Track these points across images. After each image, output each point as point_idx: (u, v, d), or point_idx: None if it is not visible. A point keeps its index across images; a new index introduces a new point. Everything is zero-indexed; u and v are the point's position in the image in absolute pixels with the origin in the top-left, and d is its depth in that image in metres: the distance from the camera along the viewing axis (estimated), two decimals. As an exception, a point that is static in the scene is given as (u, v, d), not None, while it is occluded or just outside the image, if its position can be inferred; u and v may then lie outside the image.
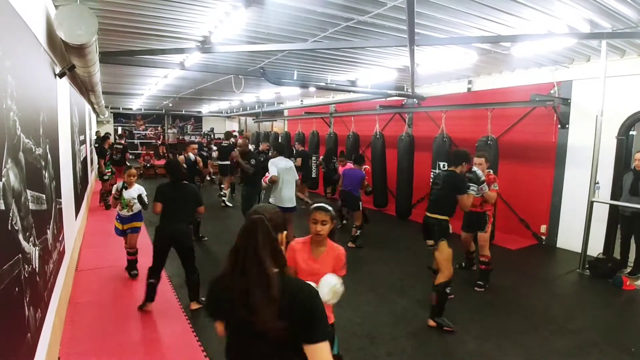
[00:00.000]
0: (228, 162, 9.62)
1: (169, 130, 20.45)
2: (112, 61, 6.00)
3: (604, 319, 4.25)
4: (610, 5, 3.92)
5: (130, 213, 5.00)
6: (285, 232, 1.56)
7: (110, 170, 9.51)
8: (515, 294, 4.80)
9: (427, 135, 8.37)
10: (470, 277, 5.15)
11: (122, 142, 11.28)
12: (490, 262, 4.90)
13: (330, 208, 2.46)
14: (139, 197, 4.87)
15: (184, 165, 5.91)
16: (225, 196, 10.06)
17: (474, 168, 4.44)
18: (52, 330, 3.03)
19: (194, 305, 4.20)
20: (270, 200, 5.43)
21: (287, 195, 5.44)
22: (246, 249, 1.41)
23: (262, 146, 10.65)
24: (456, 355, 3.49)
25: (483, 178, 4.43)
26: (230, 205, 9.75)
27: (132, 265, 5.05)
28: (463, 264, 5.51)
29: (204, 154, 10.86)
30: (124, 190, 4.99)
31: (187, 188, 4.32)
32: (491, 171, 5.00)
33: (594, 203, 5.46)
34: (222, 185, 10.33)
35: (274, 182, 5.32)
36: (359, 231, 6.48)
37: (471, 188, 4.18)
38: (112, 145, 10.47)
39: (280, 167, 5.39)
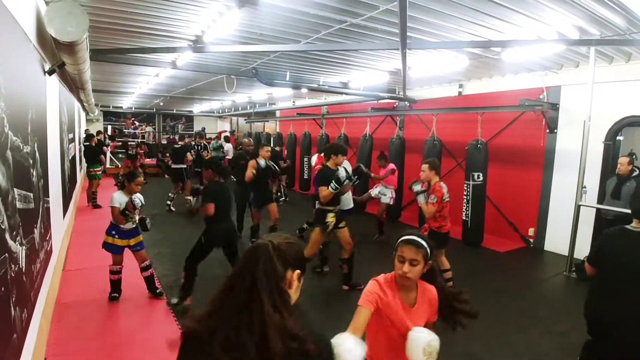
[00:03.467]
0: (183, 166, 9.29)
1: (147, 128, 19.83)
2: (102, 59, 5.95)
3: (589, 322, 4.31)
4: (599, 13, 3.99)
5: (134, 225, 4.32)
6: (298, 272, 1.21)
7: (99, 169, 9.43)
8: (503, 296, 4.85)
9: (417, 138, 8.41)
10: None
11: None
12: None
13: (424, 243, 1.86)
14: (141, 219, 4.29)
15: (253, 172, 5.77)
16: (189, 202, 9.28)
17: (340, 167, 4.57)
18: (38, 330, 2.99)
19: None
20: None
21: (345, 197, 5.22)
22: (241, 283, 1.11)
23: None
24: (443, 356, 3.50)
25: (343, 175, 4.42)
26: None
27: (152, 282, 4.50)
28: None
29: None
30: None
31: (227, 187, 4.46)
32: (441, 183, 4.61)
33: (581, 207, 5.54)
34: (171, 194, 9.22)
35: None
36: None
37: (331, 185, 4.42)
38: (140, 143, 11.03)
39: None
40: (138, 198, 4.15)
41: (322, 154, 5.65)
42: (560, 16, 4.14)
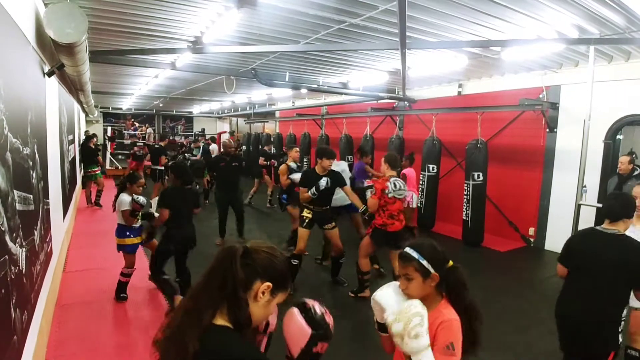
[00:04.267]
0: (160, 168, 9.00)
1: (148, 129, 19.43)
2: (102, 60, 5.94)
3: (590, 321, 4.30)
4: (598, 12, 3.99)
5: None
6: (268, 284, 1.14)
7: (97, 169, 9.42)
8: (504, 296, 4.85)
9: (417, 138, 8.41)
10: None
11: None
12: (365, 272, 4.59)
13: (414, 254, 1.62)
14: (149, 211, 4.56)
15: (290, 178, 5.58)
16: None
17: (330, 170, 4.70)
18: (38, 332, 2.98)
19: None
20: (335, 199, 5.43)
21: (339, 195, 5.26)
22: (200, 282, 1.16)
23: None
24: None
25: (323, 185, 4.53)
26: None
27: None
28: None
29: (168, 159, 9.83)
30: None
31: (191, 191, 4.45)
32: (392, 178, 4.31)
33: (581, 206, 5.53)
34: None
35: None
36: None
37: (311, 190, 4.55)
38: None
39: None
40: (141, 198, 4.26)
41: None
42: (559, 15, 4.14)
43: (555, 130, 6.60)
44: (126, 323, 3.99)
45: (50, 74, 4.03)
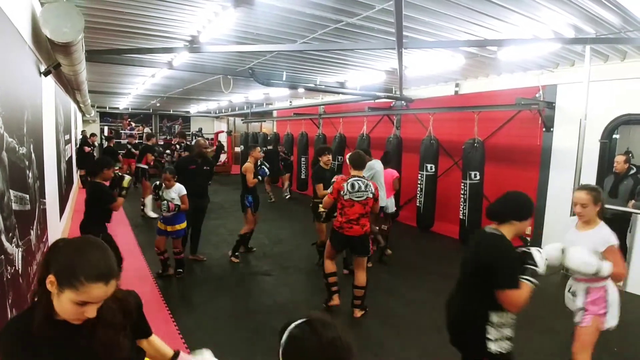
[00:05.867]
0: (144, 166, 8.83)
1: (146, 129, 19.07)
2: (98, 60, 5.93)
3: (586, 319, 4.31)
4: (595, 12, 4.01)
5: (170, 214, 4.89)
6: (50, 277, 1.15)
7: (117, 167, 9.41)
8: (501, 295, 4.85)
9: (414, 138, 8.42)
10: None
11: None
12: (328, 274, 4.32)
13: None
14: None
15: (259, 177, 5.60)
16: (143, 205, 8.66)
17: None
18: (35, 332, 2.97)
19: None
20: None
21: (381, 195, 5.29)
22: None
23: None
24: (441, 354, 3.51)
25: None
26: (155, 215, 7.90)
27: (180, 265, 5.23)
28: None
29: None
30: (163, 190, 4.98)
31: (96, 185, 4.09)
32: (350, 178, 4.08)
33: (578, 205, 5.55)
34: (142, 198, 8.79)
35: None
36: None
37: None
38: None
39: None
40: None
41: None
42: (555, 15, 4.15)
43: (551, 129, 6.61)
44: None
45: (46, 74, 4.02)
